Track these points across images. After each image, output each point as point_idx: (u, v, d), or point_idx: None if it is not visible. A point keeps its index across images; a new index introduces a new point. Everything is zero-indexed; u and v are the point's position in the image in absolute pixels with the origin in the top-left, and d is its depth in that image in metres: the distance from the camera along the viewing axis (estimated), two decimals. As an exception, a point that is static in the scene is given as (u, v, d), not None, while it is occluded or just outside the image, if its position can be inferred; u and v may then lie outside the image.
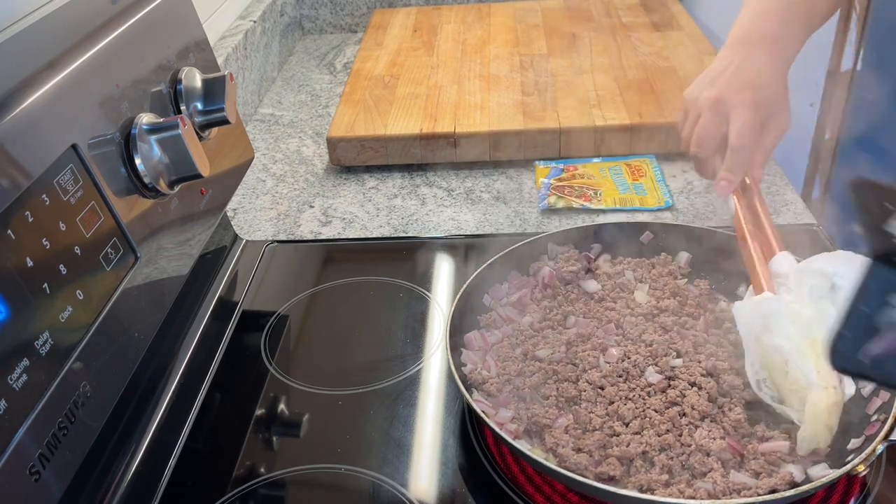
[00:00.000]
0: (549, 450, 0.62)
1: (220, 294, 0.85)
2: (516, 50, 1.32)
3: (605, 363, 0.69)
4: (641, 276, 0.79)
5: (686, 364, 0.68)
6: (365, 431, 0.68)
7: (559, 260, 0.81)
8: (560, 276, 0.79)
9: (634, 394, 0.65)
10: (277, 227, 0.99)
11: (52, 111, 0.54)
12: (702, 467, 0.59)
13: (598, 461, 0.60)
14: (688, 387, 0.65)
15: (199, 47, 0.77)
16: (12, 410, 0.45)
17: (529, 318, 0.76)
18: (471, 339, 0.73)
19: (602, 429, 0.63)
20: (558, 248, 0.82)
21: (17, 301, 0.47)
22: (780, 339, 0.63)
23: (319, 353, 0.78)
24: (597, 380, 0.67)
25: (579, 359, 0.69)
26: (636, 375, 0.67)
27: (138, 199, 0.62)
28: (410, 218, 0.98)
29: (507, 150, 1.07)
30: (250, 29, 1.29)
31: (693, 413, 0.63)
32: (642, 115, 1.07)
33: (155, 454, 0.66)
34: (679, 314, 0.74)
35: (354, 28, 1.63)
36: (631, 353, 0.69)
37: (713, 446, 0.60)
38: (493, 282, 0.78)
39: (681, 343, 0.70)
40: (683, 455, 0.60)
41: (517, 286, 0.79)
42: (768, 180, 1.01)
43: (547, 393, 0.67)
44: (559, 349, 0.71)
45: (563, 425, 0.64)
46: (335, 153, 1.08)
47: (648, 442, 0.61)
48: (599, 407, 0.65)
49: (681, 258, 0.81)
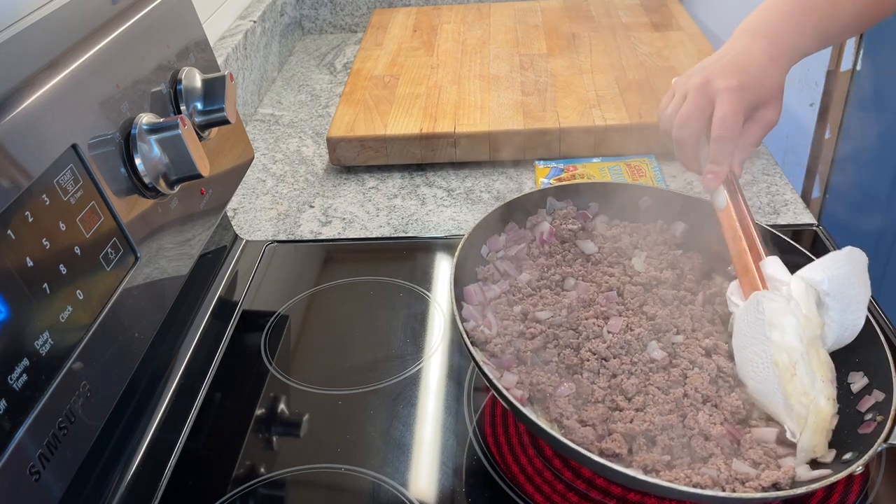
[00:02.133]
0: (554, 420, 0.62)
1: (220, 294, 0.85)
2: (516, 50, 1.32)
3: (608, 333, 0.68)
4: (637, 242, 0.79)
5: (685, 342, 0.68)
6: (365, 431, 0.68)
7: (557, 216, 0.81)
8: (559, 233, 0.80)
9: (637, 368, 0.65)
10: (277, 227, 0.99)
11: (52, 111, 0.54)
12: (702, 451, 0.59)
13: (601, 436, 0.60)
14: (689, 366, 0.65)
15: (199, 47, 0.77)
16: (12, 410, 0.45)
17: (527, 275, 0.76)
18: (470, 293, 0.73)
19: (604, 401, 0.63)
20: (557, 202, 0.83)
21: (17, 301, 0.47)
22: (792, 337, 0.63)
23: (319, 353, 0.78)
24: (601, 350, 0.67)
25: (583, 326, 0.69)
26: (639, 349, 0.67)
27: (138, 199, 0.62)
28: (410, 218, 0.98)
29: (507, 150, 1.07)
30: (250, 29, 1.29)
31: (696, 395, 0.63)
32: (642, 115, 1.07)
33: (155, 454, 0.66)
34: (678, 288, 0.74)
35: (354, 28, 1.63)
36: (633, 325, 0.69)
37: (713, 431, 0.60)
38: (491, 232, 0.78)
39: (680, 319, 0.70)
40: (685, 437, 0.60)
41: (514, 239, 0.79)
42: (768, 180, 1.01)
43: (548, 358, 0.67)
44: (560, 312, 0.71)
45: (564, 394, 0.63)
46: (335, 153, 1.08)
47: (651, 420, 0.61)
48: (602, 379, 0.65)
49: (677, 228, 0.81)
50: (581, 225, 0.81)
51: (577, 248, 0.79)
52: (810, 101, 1.61)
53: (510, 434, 0.67)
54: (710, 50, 1.27)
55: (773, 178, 1.02)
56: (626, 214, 0.83)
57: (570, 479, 0.63)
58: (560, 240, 0.80)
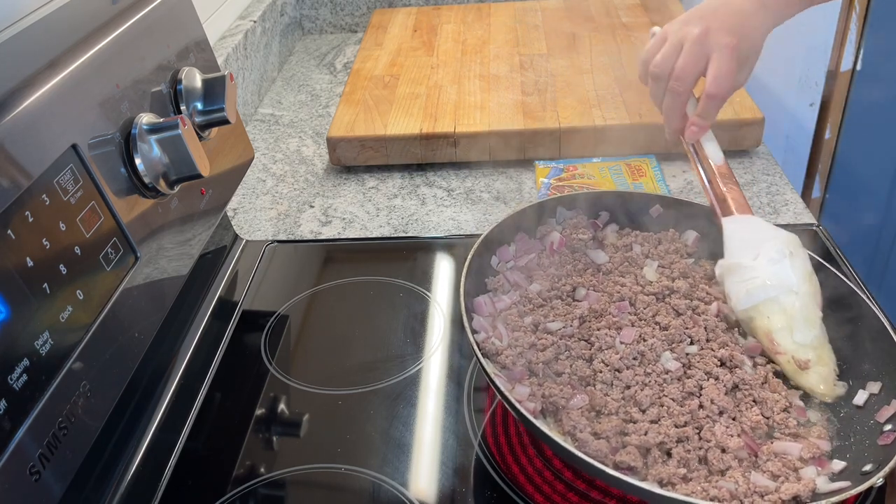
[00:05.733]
0: (567, 433, 0.61)
1: (220, 294, 0.85)
2: (516, 50, 1.32)
3: (620, 343, 0.68)
4: (648, 252, 0.79)
5: (700, 352, 0.67)
6: (365, 431, 0.68)
7: (567, 226, 0.81)
8: (569, 243, 0.79)
9: (651, 379, 0.65)
10: (277, 227, 0.99)
11: (52, 111, 0.54)
12: (719, 464, 0.58)
13: (615, 448, 0.60)
14: (704, 377, 0.65)
15: (199, 47, 0.77)
16: (12, 410, 0.45)
17: (537, 285, 0.75)
18: (480, 304, 0.72)
19: (618, 413, 0.62)
20: (567, 212, 0.82)
21: (17, 301, 0.47)
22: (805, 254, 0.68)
23: (319, 353, 0.78)
24: (614, 361, 0.66)
25: (595, 337, 0.69)
26: (652, 360, 0.67)
27: (138, 199, 0.62)
28: (410, 218, 0.98)
29: (507, 150, 1.07)
30: (250, 29, 1.29)
31: (712, 407, 0.62)
32: (642, 115, 1.07)
33: (155, 454, 0.66)
34: (690, 297, 0.73)
35: (354, 28, 1.63)
36: (647, 335, 0.69)
37: (731, 444, 0.59)
38: (501, 242, 0.78)
39: (694, 329, 0.69)
40: (701, 450, 0.59)
41: (524, 249, 0.79)
42: (768, 180, 1.01)
43: (560, 369, 0.66)
44: (571, 323, 0.70)
45: (577, 406, 0.63)
46: (335, 153, 1.08)
47: (666, 433, 0.60)
48: (615, 390, 0.64)
49: (688, 237, 0.80)
50: (591, 234, 0.80)
51: (588, 258, 0.79)
52: (810, 101, 1.62)
53: (510, 434, 0.67)
54: (710, 50, 1.27)
55: (773, 178, 1.02)
56: (637, 223, 0.82)
57: (571, 479, 0.63)
58: (570, 249, 0.79)
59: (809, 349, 0.66)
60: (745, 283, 0.69)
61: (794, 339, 0.66)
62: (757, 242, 0.70)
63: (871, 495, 0.61)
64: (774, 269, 0.68)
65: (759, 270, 0.69)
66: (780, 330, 0.67)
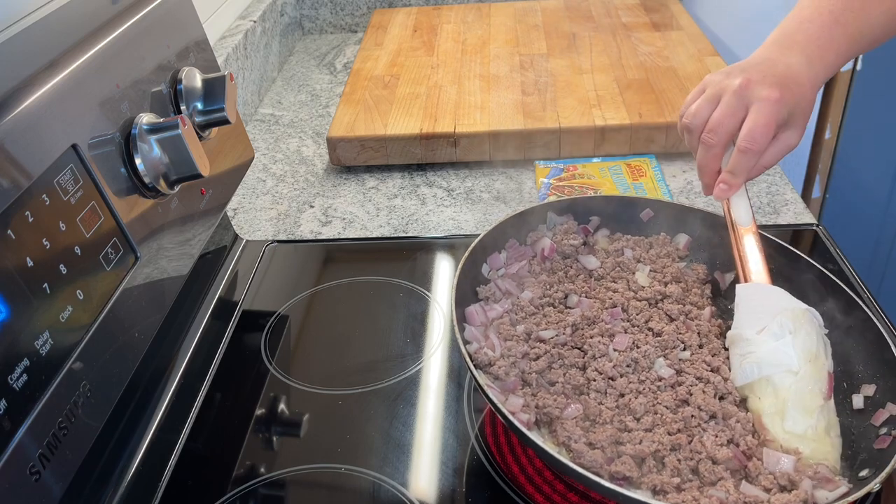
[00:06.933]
0: (562, 443, 0.60)
1: (220, 294, 0.85)
2: (516, 50, 1.32)
3: (613, 351, 0.67)
4: (640, 256, 0.78)
5: (692, 358, 0.67)
6: (365, 431, 0.68)
7: (557, 232, 0.80)
8: (560, 249, 0.78)
9: (645, 387, 0.64)
10: (277, 227, 0.99)
11: (52, 111, 0.54)
12: (710, 476, 0.58)
13: (610, 458, 0.59)
14: (695, 382, 0.65)
15: (199, 47, 0.77)
16: (12, 410, 0.45)
17: (529, 293, 0.75)
18: (472, 314, 0.71)
19: (612, 422, 0.62)
20: (557, 217, 0.81)
21: (17, 301, 0.47)
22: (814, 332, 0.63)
23: (319, 353, 0.78)
24: (608, 370, 0.66)
25: (588, 345, 0.68)
26: (646, 367, 0.66)
27: (138, 199, 0.62)
28: (410, 218, 0.98)
29: (507, 150, 1.07)
30: (250, 29, 1.29)
31: (701, 414, 0.62)
32: (642, 115, 1.07)
33: (155, 454, 0.66)
34: (683, 302, 0.73)
35: (354, 28, 1.63)
36: (640, 342, 0.68)
37: (719, 455, 0.59)
38: (491, 250, 0.77)
39: (687, 335, 0.69)
40: (692, 460, 0.59)
41: (515, 256, 0.78)
42: (768, 180, 1.01)
43: (553, 379, 0.66)
44: (564, 331, 0.70)
45: (571, 415, 0.62)
46: (335, 153, 1.08)
47: (661, 441, 0.60)
48: (609, 399, 0.64)
49: (680, 240, 0.80)
50: (582, 240, 0.80)
51: (580, 264, 0.78)
52: (810, 101, 1.61)
53: (510, 434, 0.67)
54: (710, 50, 1.27)
55: (773, 178, 1.02)
56: (627, 227, 0.82)
57: (571, 479, 0.63)
58: (562, 255, 0.79)
59: (801, 440, 0.60)
60: (743, 358, 0.65)
61: (784, 427, 0.61)
62: (766, 314, 0.66)
63: (869, 500, 0.60)
64: (775, 345, 0.64)
65: (757, 345, 0.65)
66: (770, 415, 0.62)
